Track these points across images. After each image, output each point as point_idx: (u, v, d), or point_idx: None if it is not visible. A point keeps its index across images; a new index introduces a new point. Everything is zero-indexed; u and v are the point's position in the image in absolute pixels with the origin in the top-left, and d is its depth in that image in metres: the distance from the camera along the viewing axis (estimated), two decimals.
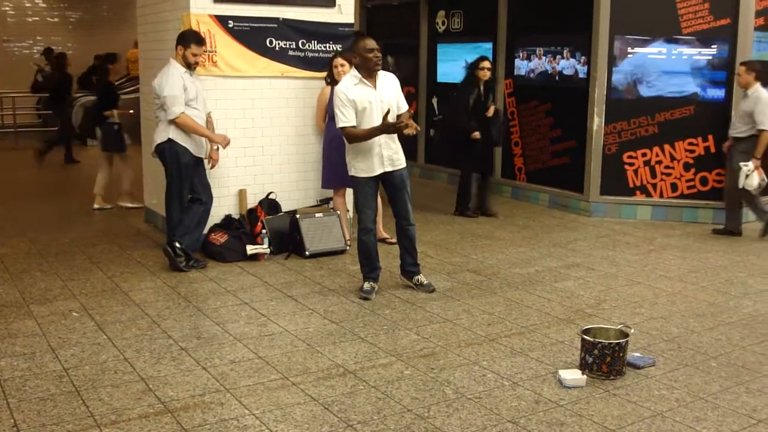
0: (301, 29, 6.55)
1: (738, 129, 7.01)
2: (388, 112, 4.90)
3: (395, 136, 5.07)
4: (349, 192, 6.88)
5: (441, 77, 10.27)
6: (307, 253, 6.11)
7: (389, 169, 5.06)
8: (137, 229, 7.19)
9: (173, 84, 5.55)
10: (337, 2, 6.65)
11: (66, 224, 7.36)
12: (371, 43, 4.92)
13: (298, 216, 6.21)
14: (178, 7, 6.23)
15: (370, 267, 5.22)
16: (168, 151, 5.68)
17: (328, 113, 6.44)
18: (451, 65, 10.03)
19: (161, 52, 6.47)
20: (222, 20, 6.18)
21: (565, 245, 6.80)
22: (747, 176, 6.79)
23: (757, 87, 6.88)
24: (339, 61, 6.30)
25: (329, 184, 6.54)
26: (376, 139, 4.96)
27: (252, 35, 6.33)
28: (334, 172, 6.39)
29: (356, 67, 4.98)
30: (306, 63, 6.61)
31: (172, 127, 5.60)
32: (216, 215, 6.27)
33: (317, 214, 6.31)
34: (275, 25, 6.43)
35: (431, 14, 10.27)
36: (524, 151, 9.02)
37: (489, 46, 9.36)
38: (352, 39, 5.05)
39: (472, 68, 7.67)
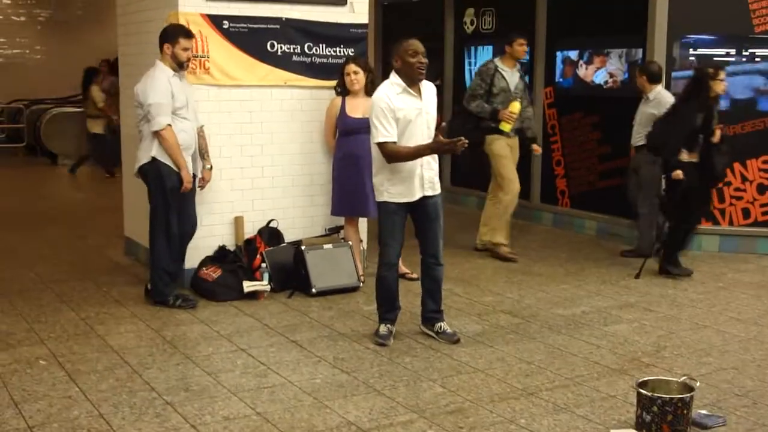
0: (308, 31, 6.60)
1: (638, 135, 7.39)
2: (442, 128, 4.89)
3: (437, 155, 5.06)
4: (363, 220, 6.91)
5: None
6: (313, 290, 6.12)
7: (429, 193, 5.05)
8: (115, 262, 7.22)
9: (159, 90, 5.56)
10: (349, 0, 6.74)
11: (32, 256, 7.43)
12: (415, 46, 4.89)
13: (303, 247, 6.23)
14: (164, 5, 6.31)
15: (388, 306, 5.22)
16: (151, 173, 5.72)
17: (339, 128, 6.48)
18: None
19: (145, 57, 6.53)
20: (216, 20, 6.24)
21: (616, 282, 6.77)
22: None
23: (657, 89, 7.32)
24: (352, 68, 6.34)
25: (340, 211, 6.56)
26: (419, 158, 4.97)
27: (250, 38, 6.38)
28: (345, 196, 6.42)
29: (397, 73, 4.97)
30: (313, 70, 6.65)
31: (156, 144, 5.63)
32: (208, 246, 6.29)
33: (326, 246, 6.32)
34: (278, 27, 6.48)
35: (458, 13, 10.35)
36: (567, 171, 9.02)
37: (526, 49, 9.40)
38: (396, 43, 5.01)
39: (702, 79, 6.71)
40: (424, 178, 5.02)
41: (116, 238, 7.81)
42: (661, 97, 7.27)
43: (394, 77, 4.98)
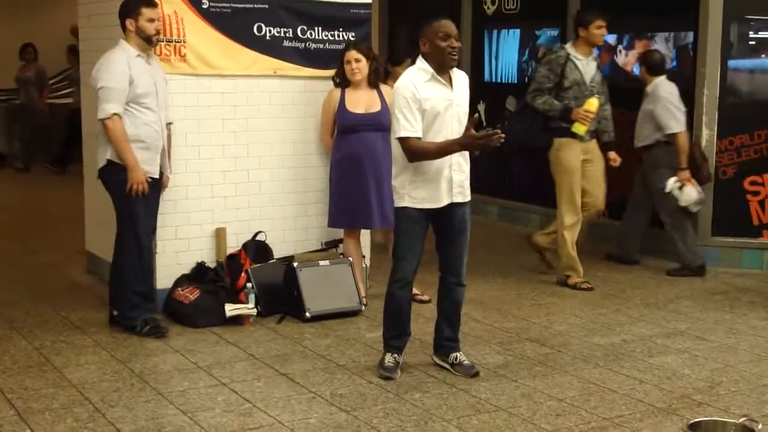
0: (301, 12, 6.63)
1: (640, 135, 7.65)
2: (473, 119, 4.89)
3: (468, 155, 5.08)
4: (365, 233, 6.92)
5: (490, 76, 10.31)
6: (307, 314, 6.14)
7: (458, 199, 5.06)
8: (75, 282, 7.24)
9: (115, 73, 5.53)
10: None
11: None
12: (447, 27, 4.91)
13: (295, 264, 6.25)
14: None
15: (396, 331, 5.23)
16: (110, 178, 5.72)
17: (337, 125, 6.50)
18: (504, 60, 10.08)
19: (108, 42, 6.45)
20: None
21: (663, 305, 6.77)
22: (679, 192, 7.51)
23: (657, 81, 7.61)
24: (353, 54, 6.36)
25: (339, 222, 6.58)
26: (447, 158, 4.96)
27: (234, 19, 6.41)
28: (345, 205, 6.44)
29: (424, 58, 4.99)
30: (307, 57, 6.69)
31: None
32: (184, 263, 6.31)
33: (322, 263, 6.35)
34: (266, 6, 6.52)
35: None
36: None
37: (555, 32, 9.42)
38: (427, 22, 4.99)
39: None
40: (453, 181, 5.02)
41: (76, 252, 7.84)
42: (657, 91, 7.51)
43: (421, 63, 5.00)
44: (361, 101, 6.41)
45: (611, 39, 8.82)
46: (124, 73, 5.56)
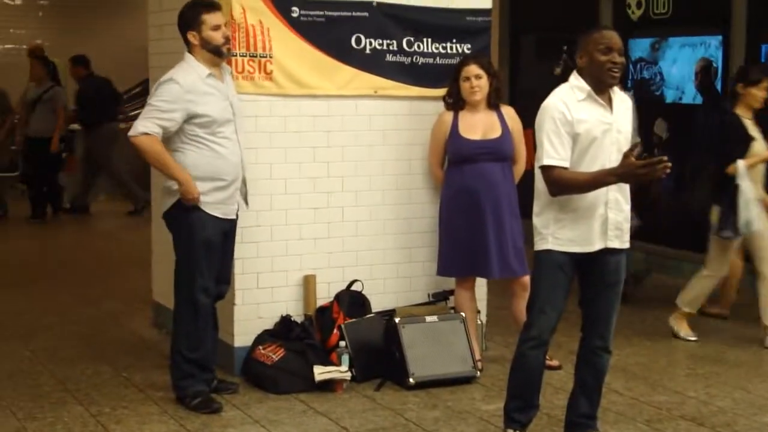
0: (408, 20, 6.71)
1: None
2: (633, 147, 4.87)
3: (627, 190, 5.05)
4: (480, 283, 6.93)
5: (638, 94, 10.25)
6: (411, 380, 6.16)
7: (614, 244, 5.02)
8: (140, 336, 7.39)
9: (169, 93, 5.58)
10: None
11: (26, 326, 7.62)
12: (610, 39, 4.93)
13: (397, 320, 6.28)
14: None
15: (523, 402, 5.20)
16: (175, 221, 5.81)
17: (449, 154, 6.54)
18: (658, 75, 10.04)
19: (179, 56, 6.64)
20: (281, 6, 6.38)
21: None
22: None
23: None
24: (473, 69, 6.39)
25: (450, 270, 6.61)
26: (602, 193, 4.97)
27: (329, 30, 6.51)
28: (457, 249, 6.46)
29: (580, 74, 5.03)
30: (414, 74, 6.76)
31: None
32: (267, 317, 6.40)
33: (429, 318, 6.37)
34: (366, 14, 6.61)
35: None
36: None
37: (716, 41, 9.34)
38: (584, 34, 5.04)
39: None
40: (609, 221, 4.98)
41: (141, 303, 8.01)
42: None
43: (575, 79, 5.01)
44: (479, 125, 6.44)
45: None
46: (180, 96, 5.60)
